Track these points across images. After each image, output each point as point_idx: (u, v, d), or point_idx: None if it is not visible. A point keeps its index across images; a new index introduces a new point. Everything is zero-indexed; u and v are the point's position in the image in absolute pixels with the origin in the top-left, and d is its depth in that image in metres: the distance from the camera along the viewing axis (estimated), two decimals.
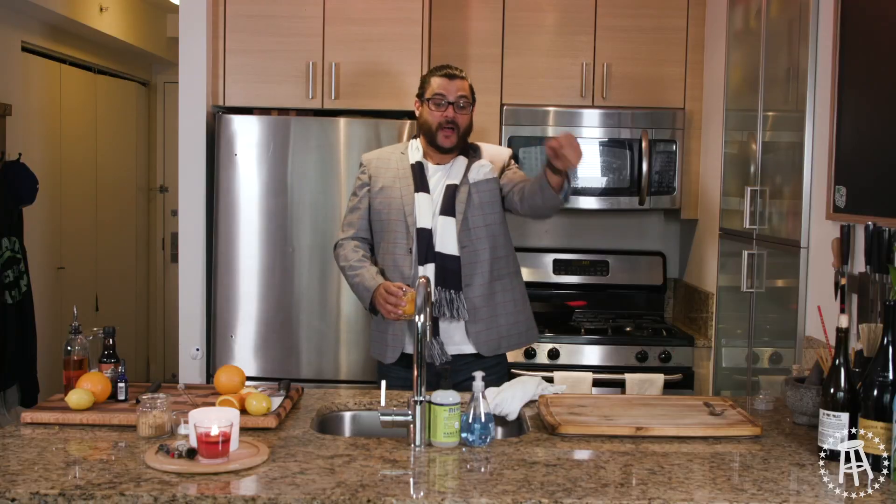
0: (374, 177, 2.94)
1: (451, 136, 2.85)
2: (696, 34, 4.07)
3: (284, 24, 3.74)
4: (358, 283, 2.82)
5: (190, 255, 3.73)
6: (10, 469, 1.83)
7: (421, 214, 2.84)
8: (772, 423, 2.29)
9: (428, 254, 2.82)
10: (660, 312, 4.41)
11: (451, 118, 2.84)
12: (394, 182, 2.90)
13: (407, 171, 2.90)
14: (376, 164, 2.96)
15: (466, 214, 2.85)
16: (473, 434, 2.05)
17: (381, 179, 2.92)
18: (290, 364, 3.69)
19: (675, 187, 4.03)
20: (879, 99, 2.45)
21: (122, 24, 5.78)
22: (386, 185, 2.90)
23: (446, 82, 2.86)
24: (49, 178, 5.20)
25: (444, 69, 2.91)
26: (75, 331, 2.40)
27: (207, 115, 3.71)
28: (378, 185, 2.92)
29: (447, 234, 2.83)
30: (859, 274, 2.44)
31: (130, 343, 6.36)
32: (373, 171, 2.95)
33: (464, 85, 2.88)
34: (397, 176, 2.91)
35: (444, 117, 2.84)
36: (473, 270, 2.85)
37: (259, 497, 1.71)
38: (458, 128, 2.86)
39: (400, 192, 2.88)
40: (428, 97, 2.88)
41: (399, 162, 2.94)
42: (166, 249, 6.86)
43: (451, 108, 2.85)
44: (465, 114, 2.87)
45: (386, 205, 2.89)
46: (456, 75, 2.89)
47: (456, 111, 2.85)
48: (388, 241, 2.88)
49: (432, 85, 2.88)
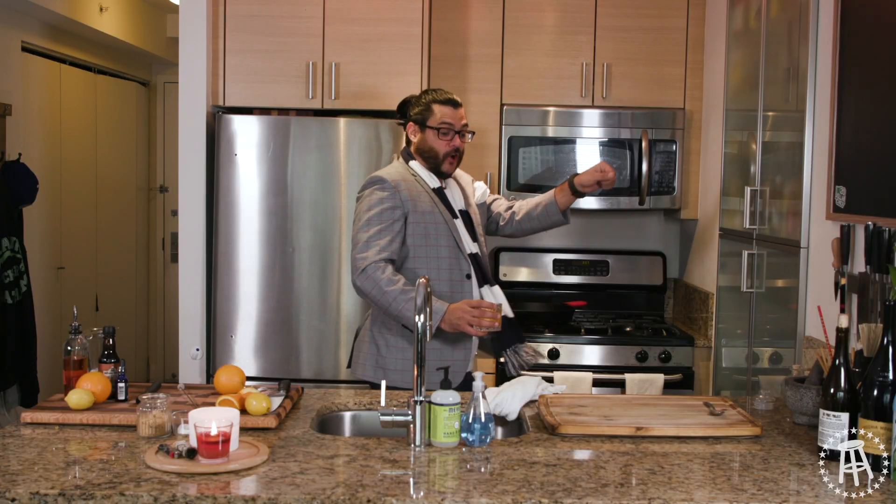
0: (412, 200, 2.84)
1: (453, 164, 2.92)
2: (696, 34, 4.07)
3: (284, 24, 3.74)
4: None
5: (190, 255, 3.73)
6: (10, 469, 1.83)
7: (467, 240, 2.89)
8: (772, 423, 2.29)
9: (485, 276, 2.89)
10: (660, 312, 4.41)
11: (458, 147, 2.89)
12: (433, 207, 2.87)
13: (433, 195, 2.90)
14: (406, 186, 2.85)
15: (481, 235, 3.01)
16: (473, 434, 2.05)
17: (420, 203, 2.85)
18: (290, 364, 3.69)
19: (674, 187, 4.03)
20: (879, 99, 2.45)
21: (122, 24, 5.78)
22: (428, 210, 2.86)
23: (451, 111, 2.89)
24: (49, 178, 5.20)
25: (444, 94, 2.93)
26: (75, 331, 2.40)
27: (207, 115, 3.71)
28: (420, 209, 2.84)
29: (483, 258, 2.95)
30: (859, 274, 2.44)
31: (130, 343, 6.36)
32: (407, 193, 2.84)
33: (463, 112, 2.95)
34: (430, 200, 2.87)
35: (453, 146, 2.88)
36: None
37: (259, 497, 1.71)
38: (461, 155, 2.94)
39: (442, 217, 2.87)
40: (434, 126, 2.88)
41: (418, 186, 2.89)
42: (166, 249, 6.86)
43: (457, 137, 2.89)
44: (466, 141, 2.94)
45: (434, 230, 2.85)
46: (458, 102, 2.93)
47: (461, 140, 2.91)
48: (441, 267, 2.85)
49: (437, 114, 2.88)
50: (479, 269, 2.88)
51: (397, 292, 2.70)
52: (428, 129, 2.89)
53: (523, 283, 4.34)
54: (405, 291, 2.70)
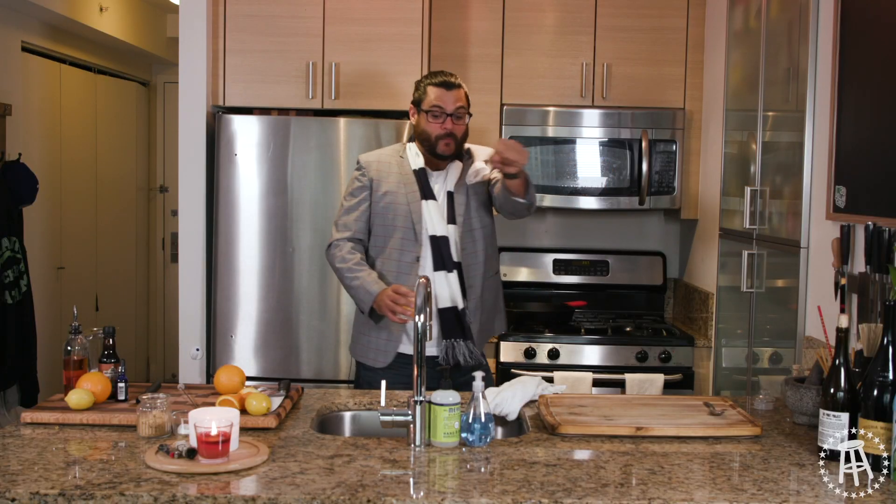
0: (377, 180, 2.90)
1: (450, 145, 2.85)
2: (696, 34, 4.07)
3: (284, 24, 3.74)
4: (358, 287, 2.80)
5: (190, 255, 3.73)
6: (10, 469, 1.83)
7: (433, 222, 2.83)
8: (772, 423, 2.29)
9: (445, 261, 2.82)
10: (660, 312, 4.41)
11: (450, 130, 2.83)
12: (398, 188, 2.87)
13: (410, 176, 2.88)
14: (377, 167, 2.92)
15: (467, 216, 2.88)
16: (473, 434, 2.05)
17: (385, 184, 2.89)
18: (290, 364, 3.69)
19: (674, 187, 4.03)
20: (879, 99, 2.45)
21: (122, 24, 5.78)
22: (390, 191, 2.88)
23: (443, 93, 2.83)
24: (49, 178, 5.20)
25: (440, 77, 2.87)
26: (75, 331, 2.40)
27: (207, 115, 3.71)
28: (381, 190, 2.89)
29: (453, 242, 2.85)
30: (859, 274, 2.44)
31: (130, 343, 6.36)
32: (374, 174, 2.91)
33: (460, 94, 2.86)
34: (401, 181, 2.88)
35: (444, 129, 2.83)
36: (474, 272, 2.89)
37: (259, 497, 1.71)
38: (457, 138, 2.86)
39: (406, 199, 2.85)
40: (425, 108, 2.85)
41: (400, 167, 2.90)
42: (166, 249, 6.85)
43: (449, 119, 2.83)
44: (462, 123, 2.86)
45: (391, 210, 2.87)
46: (453, 84, 2.85)
47: (454, 122, 2.84)
48: (393, 247, 2.86)
49: (429, 96, 2.85)
50: (438, 252, 2.82)
51: (345, 270, 2.83)
52: (422, 111, 2.88)
53: (523, 283, 4.34)
54: (351, 270, 2.82)
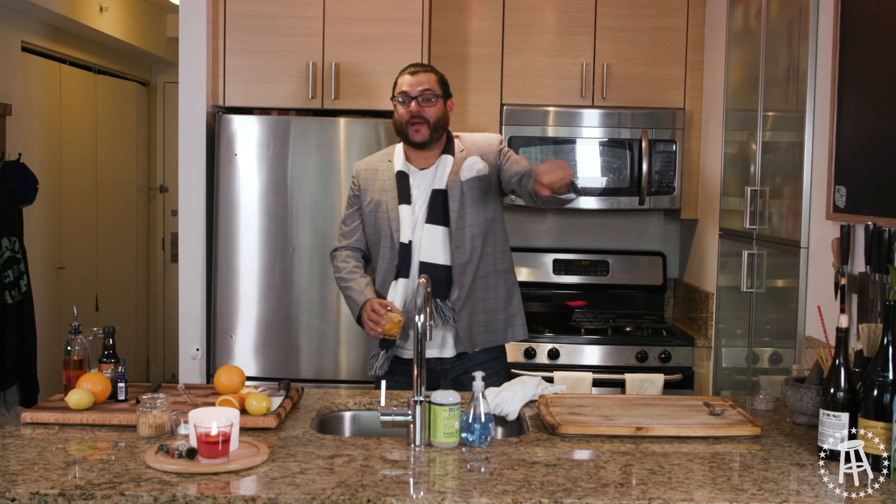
0: (364, 190, 2.91)
1: (420, 130, 2.78)
2: (696, 34, 4.07)
3: (284, 24, 3.74)
4: (348, 296, 2.84)
5: (190, 255, 3.73)
6: (10, 469, 1.83)
7: (403, 228, 2.79)
8: (772, 423, 2.29)
9: (407, 268, 2.77)
10: (660, 312, 4.41)
11: (416, 112, 2.77)
12: (381, 195, 2.87)
13: (392, 181, 2.85)
14: (365, 175, 2.92)
15: (461, 214, 2.79)
16: (473, 434, 2.05)
17: (370, 193, 2.89)
18: (290, 364, 3.69)
19: (675, 187, 4.03)
20: (879, 99, 2.45)
21: (122, 24, 5.78)
22: (374, 199, 2.88)
23: (409, 78, 2.83)
24: (49, 178, 5.20)
25: (408, 67, 2.87)
26: (75, 331, 2.40)
27: (207, 115, 3.71)
28: (367, 199, 2.89)
29: (433, 244, 2.77)
30: (859, 274, 2.44)
31: (130, 343, 6.36)
32: (362, 183, 2.92)
33: (427, 78, 2.82)
34: (383, 188, 2.87)
35: (409, 112, 2.78)
36: (465, 269, 2.80)
37: (259, 497, 1.71)
38: (428, 121, 2.77)
39: (386, 207, 2.84)
40: (394, 96, 2.84)
41: (386, 172, 2.89)
42: (166, 249, 6.85)
43: (414, 102, 2.78)
44: (431, 105, 2.79)
45: (373, 219, 2.88)
46: (419, 70, 2.84)
47: (421, 104, 2.78)
48: (381, 256, 2.87)
49: (398, 84, 2.85)
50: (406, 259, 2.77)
51: (338, 280, 2.90)
52: (394, 103, 2.86)
53: (523, 283, 4.32)
54: (343, 279, 2.87)
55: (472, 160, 2.81)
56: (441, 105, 2.82)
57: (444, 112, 2.83)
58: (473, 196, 2.81)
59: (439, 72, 2.89)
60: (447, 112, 2.85)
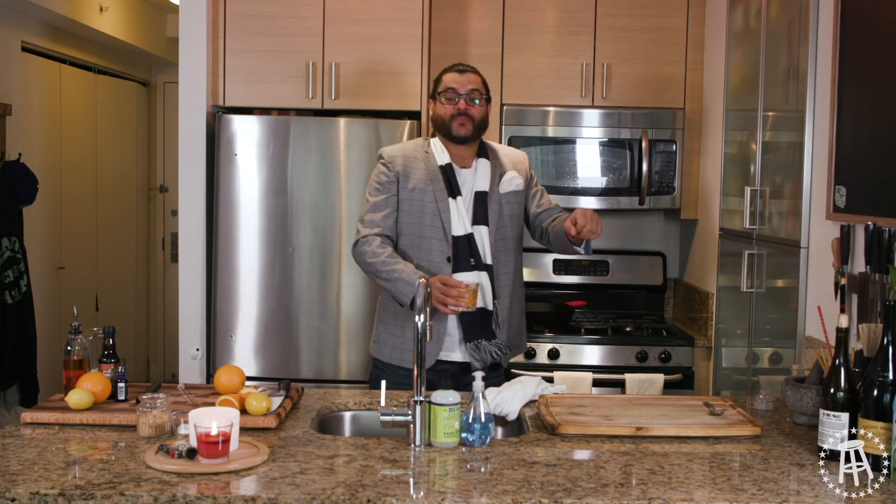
0: (403, 176, 2.82)
1: (466, 125, 2.80)
2: (696, 34, 4.07)
3: (284, 24, 3.74)
4: (398, 279, 2.68)
5: (190, 255, 3.73)
6: (10, 469, 1.83)
7: (455, 221, 2.78)
8: (772, 423, 2.29)
9: (465, 261, 2.76)
10: (660, 312, 4.41)
11: (464, 110, 2.80)
12: (426, 185, 2.81)
13: (437, 172, 2.82)
14: (403, 161, 2.85)
15: (500, 224, 2.83)
16: (473, 434, 2.05)
17: (412, 179, 2.82)
18: (290, 364, 3.69)
19: (675, 187, 4.03)
20: (879, 99, 2.45)
21: (122, 24, 5.78)
22: (417, 187, 2.81)
23: (457, 76, 2.84)
24: (49, 178, 5.20)
25: (455, 66, 2.89)
26: (75, 331, 2.40)
27: (207, 115, 3.71)
28: (409, 185, 2.82)
29: (483, 244, 2.80)
30: (859, 274, 2.44)
31: (130, 343, 6.36)
32: (400, 167, 2.83)
33: (475, 78, 2.85)
34: (429, 178, 2.81)
35: (457, 109, 2.80)
36: (503, 282, 2.83)
37: (259, 497, 1.71)
38: (473, 119, 2.81)
39: (434, 196, 2.79)
40: (440, 92, 2.85)
41: (426, 162, 2.84)
42: (166, 249, 6.86)
43: (462, 100, 2.81)
44: (477, 107, 2.83)
45: (419, 208, 2.80)
46: (467, 70, 2.87)
47: (468, 104, 2.81)
48: (422, 247, 2.80)
49: (444, 81, 2.86)
50: (467, 252, 2.76)
51: (379, 264, 2.73)
52: (437, 98, 2.86)
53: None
54: (385, 263, 2.72)
55: (511, 174, 2.88)
56: (485, 107, 2.87)
57: (486, 114, 2.88)
58: (510, 210, 2.88)
59: (482, 74, 2.91)
60: (488, 114, 2.89)
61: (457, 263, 2.77)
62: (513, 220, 2.88)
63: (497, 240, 2.82)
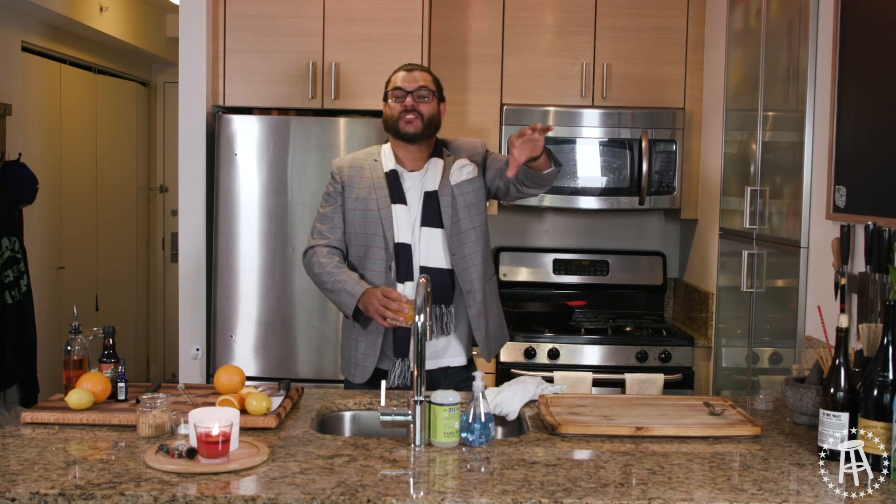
0: (348, 186, 2.79)
1: (413, 122, 2.71)
2: (696, 34, 4.07)
3: (284, 24, 3.74)
4: (340, 290, 2.66)
5: (190, 255, 3.73)
6: (10, 469, 1.83)
7: (399, 228, 2.71)
8: (772, 423, 2.29)
9: (408, 270, 2.69)
10: (660, 312, 4.41)
11: (411, 106, 2.72)
12: (369, 193, 2.76)
13: (381, 180, 2.76)
14: (349, 171, 2.81)
15: (454, 219, 2.74)
16: (473, 434, 2.05)
17: (356, 189, 2.78)
18: (289, 364, 3.69)
19: (675, 187, 4.03)
20: (879, 99, 2.45)
21: (122, 24, 5.78)
22: (360, 196, 2.76)
23: (404, 74, 2.77)
24: (49, 178, 5.20)
25: (405, 65, 2.83)
26: (75, 331, 2.40)
27: (207, 115, 3.71)
28: (352, 196, 2.77)
29: (432, 246, 2.71)
30: (859, 274, 2.44)
31: (130, 343, 6.36)
32: (346, 179, 2.80)
33: (423, 76, 2.77)
34: (372, 186, 2.76)
35: (404, 107, 2.72)
36: (470, 276, 2.75)
37: (259, 497, 1.71)
38: (422, 116, 2.72)
39: (377, 204, 2.73)
40: (388, 91, 2.78)
41: (372, 170, 2.79)
42: (166, 249, 6.86)
43: (410, 97, 2.72)
44: (426, 103, 2.74)
45: (361, 217, 2.75)
46: (415, 68, 2.80)
47: (416, 101, 2.73)
48: (366, 256, 2.75)
49: (392, 80, 2.79)
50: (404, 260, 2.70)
51: (323, 274, 2.72)
52: (387, 98, 2.79)
53: (523, 283, 4.34)
54: (330, 273, 2.70)
55: (460, 163, 2.79)
56: (435, 104, 2.78)
57: (437, 112, 2.79)
58: (465, 200, 2.77)
59: (433, 73, 2.84)
60: (440, 113, 2.81)
61: (398, 272, 2.70)
62: (470, 209, 2.77)
63: (453, 235, 2.73)
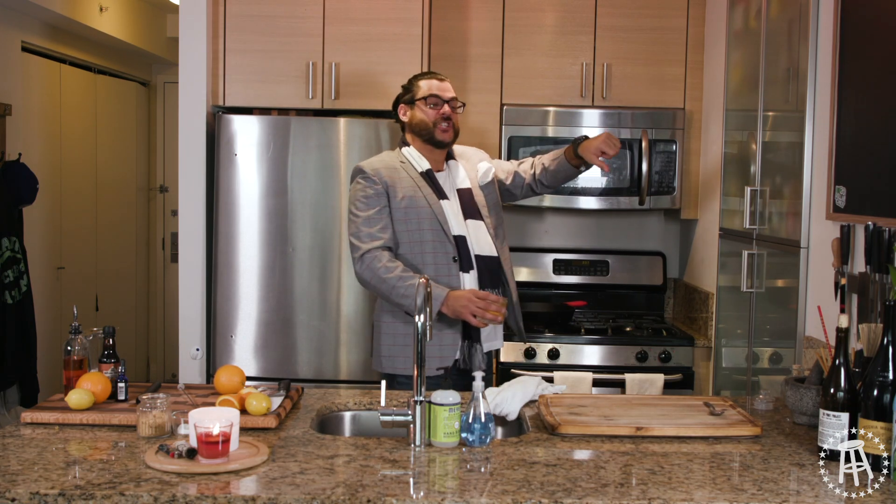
0: (391, 185, 2.85)
1: (448, 131, 2.91)
2: (696, 34, 4.07)
3: (284, 24, 3.74)
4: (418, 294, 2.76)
5: (190, 255, 3.73)
6: (10, 469, 1.83)
7: (451, 221, 2.86)
8: (772, 423, 2.30)
9: (468, 260, 2.84)
10: (660, 312, 4.41)
11: (448, 115, 2.91)
12: (413, 191, 2.86)
13: (420, 179, 2.89)
14: (387, 172, 2.88)
15: (489, 214, 2.97)
16: (473, 434, 2.05)
17: (401, 189, 2.85)
18: (289, 364, 3.69)
19: (675, 187, 4.03)
20: (879, 99, 2.45)
21: (122, 24, 5.78)
22: (408, 195, 2.85)
23: (437, 83, 2.94)
24: (49, 178, 5.20)
25: (430, 73, 3.01)
26: (75, 331, 2.40)
27: (207, 115, 3.71)
28: (398, 195, 2.84)
29: (481, 237, 2.90)
30: (859, 274, 2.44)
31: (130, 343, 6.36)
32: (386, 179, 2.86)
33: (450, 87, 2.97)
34: (416, 185, 2.87)
35: (442, 114, 2.89)
36: (508, 265, 2.98)
37: (259, 497, 1.71)
38: (454, 125, 2.94)
39: (426, 201, 2.85)
40: (422, 97, 2.91)
41: (407, 170, 2.90)
42: (166, 249, 6.86)
43: (446, 105, 2.91)
44: (457, 115, 2.96)
45: (414, 215, 2.83)
46: (445, 78, 2.98)
47: (452, 110, 2.93)
48: (425, 251, 2.82)
49: (423, 87, 2.93)
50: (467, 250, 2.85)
51: (395, 279, 2.73)
52: (417, 103, 2.92)
53: (523, 283, 4.34)
54: (402, 278, 2.73)
55: (484, 166, 3.04)
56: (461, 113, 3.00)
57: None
58: (490, 200, 3.00)
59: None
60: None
61: (462, 262, 2.84)
62: (495, 208, 3.02)
63: (491, 227, 2.94)
